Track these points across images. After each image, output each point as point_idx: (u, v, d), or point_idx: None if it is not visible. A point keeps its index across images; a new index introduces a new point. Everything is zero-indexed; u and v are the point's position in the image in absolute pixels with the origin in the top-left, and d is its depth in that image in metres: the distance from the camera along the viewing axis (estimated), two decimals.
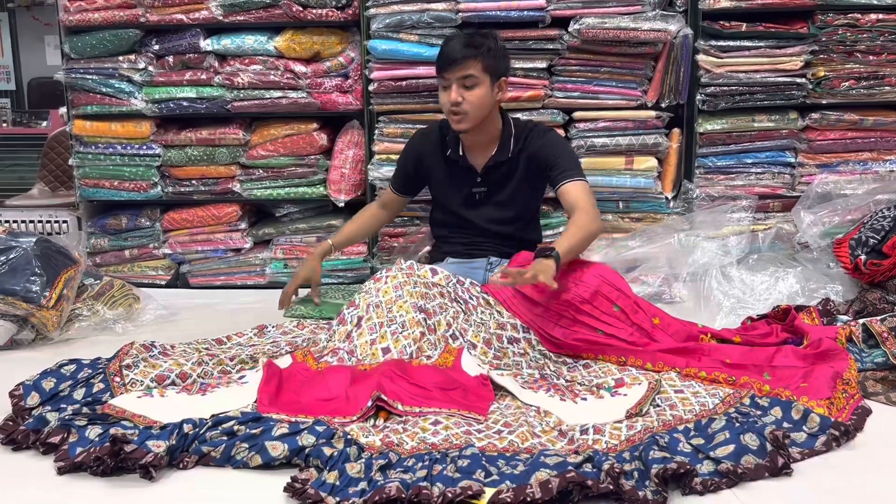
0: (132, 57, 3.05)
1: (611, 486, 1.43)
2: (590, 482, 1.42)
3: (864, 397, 1.90)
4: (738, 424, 1.66)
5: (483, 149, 2.50)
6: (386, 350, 2.03)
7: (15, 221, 3.27)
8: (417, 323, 2.06)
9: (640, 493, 1.44)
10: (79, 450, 1.58)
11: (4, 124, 7.68)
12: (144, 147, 3.10)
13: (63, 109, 6.94)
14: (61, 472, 1.56)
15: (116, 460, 1.53)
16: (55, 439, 1.64)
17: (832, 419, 1.72)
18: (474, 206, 2.54)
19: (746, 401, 1.82)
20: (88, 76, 3.09)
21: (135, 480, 1.54)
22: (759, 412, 1.76)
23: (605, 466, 1.46)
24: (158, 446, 1.55)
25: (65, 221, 3.27)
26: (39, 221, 3.28)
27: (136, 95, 3.07)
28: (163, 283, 3.18)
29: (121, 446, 1.53)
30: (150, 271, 3.20)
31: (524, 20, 2.85)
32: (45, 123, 7.44)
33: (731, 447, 1.57)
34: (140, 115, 3.08)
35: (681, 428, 1.69)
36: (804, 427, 1.70)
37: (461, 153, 2.51)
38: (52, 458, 1.61)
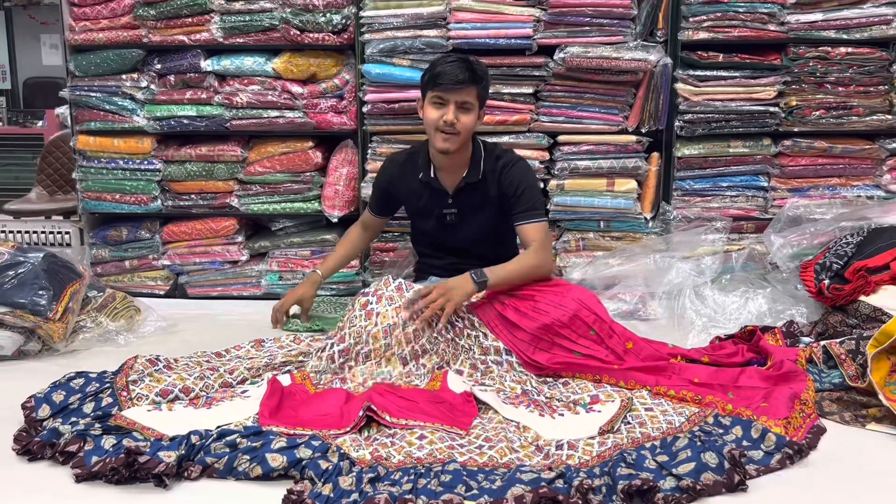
0: (135, 75, 3.15)
1: (580, 501, 1.56)
2: (560, 497, 1.55)
3: (820, 416, 2.03)
4: (699, 443, 1.79)
5: (454, 171, 2.59)
6: None
7: (19, 232, 3.37)
8: (406, 374, 2.19)
9: None
10: (94, 458, 1.71)
11: (0, 124, 7.74)
12: (145, 162, 3.20)
13: (59, 110, 7.03)
14: (79, 479, 1.69)
15: (130, 471, 1.66)
16: (72, 448, 1.76)
17: (787, 438, 1.85)
18: (447, 227, 2.64)
19: (710, 419, 1.95)
20: (92, 93, 3.19)
21: (146, 489, 1.66)
22: (721, 430, 1.89)
23: (576, 482, 1.59)
24: (169, 456, 1.68)
25: (67, 233, 3.37)
26: (42, 232, 3.38)
27: (139, 113, 3.17)
28: (162, 293, 3.29)
29: (134, 458, 1.65)
30: (150, 281, 3.31)
31: (512, 48, 2.97)
32: (40, 123, 7.51)
33: (692, 465, 1.70)
34: (142, 131, 3.19)
35: (648, 445, 1.82)
36: (761, 445, 1.83)
37: (433, 175, 2.61)
38: (69, 467, 1.72)
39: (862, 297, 2.44)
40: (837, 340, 2.27)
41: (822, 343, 2.28)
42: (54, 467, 1.78)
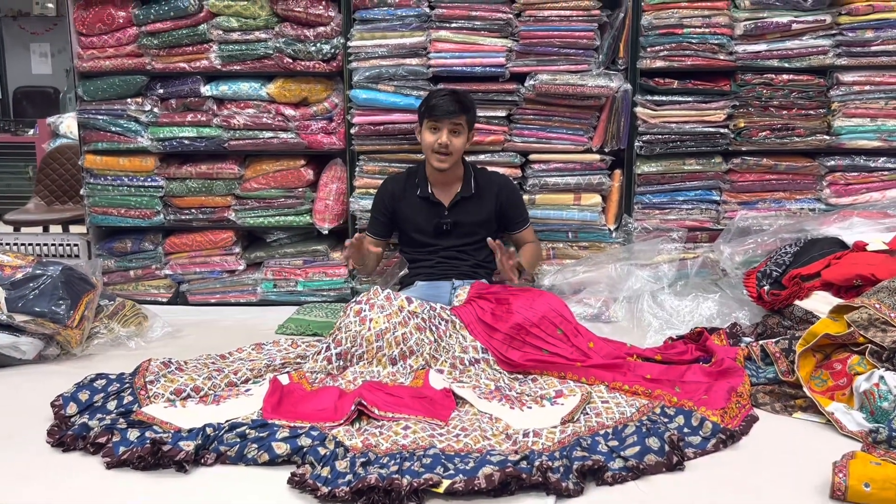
0: (139, 100, 3.36)
1: (540, 479, 1.83)
2: (524, 476, 1.82)
3: (755, 407, 2.30)
4: (645, 430, 2.07)
5: (448, 187, 3.04)
6: None
7: (31, 245, 3.59)
8: (394, 373, 2.44)
9: (563, 484, 1.83)
10: (122, 449, 1.97)
11: None
12: (149, 179, 3.42)
13: (51, 119, 7.18)
14: (109, 466, 1.94)
15: (155, 458, 1.92)
16: (101, 440, 2.02)
17: (722, 426, 2.13)
18: (443, 234, 3.01)
19: (657, 410, 2.23)
20: (99, 116, 3.39)
21: (168, 474, 1.92)
22: (666, 419, 2.17)
23: (537, 463, 1.87)
24: (188, 445, 1.94)
25: (76, 245, 3.59)
26: (53, 245, 3.60)
27: (143, 134, 3.38)
28: (164, 300, 3.51)
29: (159, 447, 1.92)
30: (153, 290, 3.52)
31: (487, 75, 3.22)
32: (31, 132, 7.66)
33: (638, 448, 1.98)
34: (145, 151, 3.39)
35: (602, 432, 2.10)
36: (700, 432, 2.10)
37: (430, 191, 3.00)
38: (99, 456, 1.98)
39: (796, 302, 2.69)
40: (774, 340, 2.51)
41: (761, 342, 2.54)
42: (86, 457, 2.02)
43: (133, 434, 2.04)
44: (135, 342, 2.93)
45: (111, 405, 2.25)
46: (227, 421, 2.11)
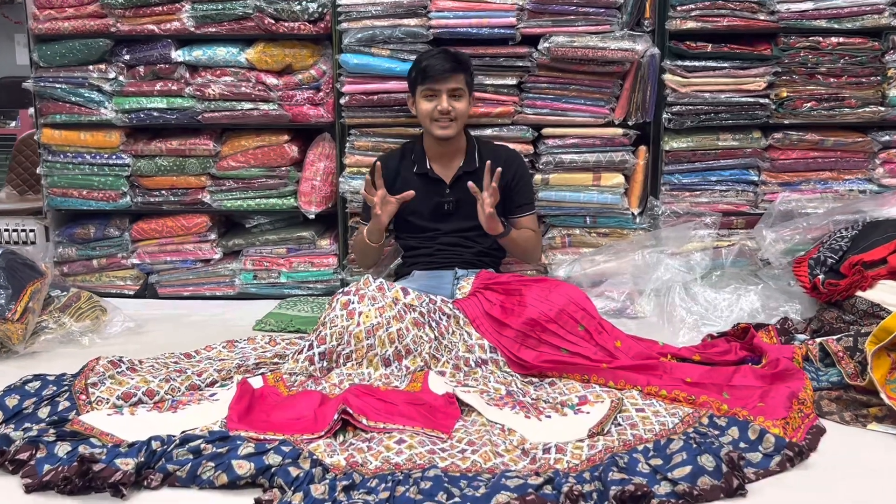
0: (102, 66, 3.05)
1: None
2: None
3: (819, 416, 1.97)
4: (695, 445, 1.71)
5: (450, 161, 2.72)
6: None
7: None
8: (387, 375, 2.11)
9: None
10: (46, 467, 1.62)
11: None
12: (114, 157, 3.10)
13: (32, 109, 6.91)
14: (29, 490, 1.59)
15: (84, 480, 1.55)
16: (23, 456, 1.66)
17: (787, 440, 1.77)
18: (444, 216, 2.69)
19: (705, 420, 1.87)
20: (57, 85, 3.08)
21: (101, 499, 1.57)
22: (716, 432, 1.82)
23: (565, 489, 1.50)
24: (126, 464, 1.58)
25: (32, 230, 3.25)
26: (6, 230, 3.25)
27: (106, 105, 3.07)
28: (131, 293, 3.19)
29: (89, 466, 1.54)
30: (119, 281, 3.20)
31: (495, 37, 2.90)
32: (13, 123, 7.38)
33: (688, 468, 1.62)
34: (109, 124, 3.09)
35: (640, 448, 1.74)
36: (760, 447, 1.75)
37: (429, 166, 2.69)
38: (18, 476, 1.63)
39: (858, 293, 2.38)
40: (835, 337, 2.21)
41: (819, 340, 2.23)
42: (3, 477, 1.68)
43: (62, 449, 1.68)
44: (88, 338, 2.60)
45: (43, 412, 1.89)
46: (181, 433, 1.73)
